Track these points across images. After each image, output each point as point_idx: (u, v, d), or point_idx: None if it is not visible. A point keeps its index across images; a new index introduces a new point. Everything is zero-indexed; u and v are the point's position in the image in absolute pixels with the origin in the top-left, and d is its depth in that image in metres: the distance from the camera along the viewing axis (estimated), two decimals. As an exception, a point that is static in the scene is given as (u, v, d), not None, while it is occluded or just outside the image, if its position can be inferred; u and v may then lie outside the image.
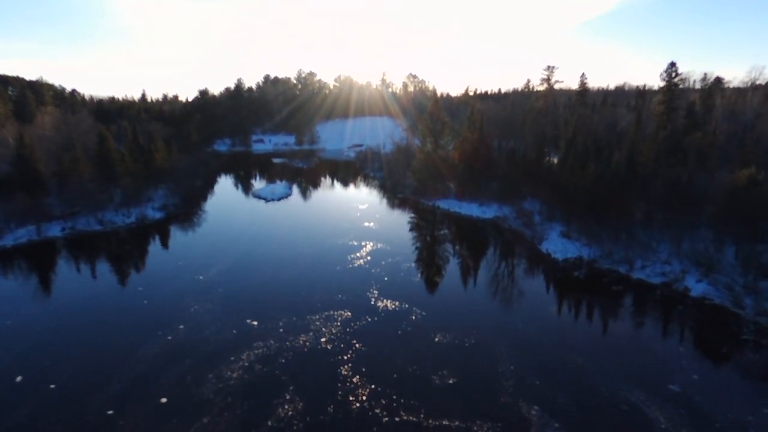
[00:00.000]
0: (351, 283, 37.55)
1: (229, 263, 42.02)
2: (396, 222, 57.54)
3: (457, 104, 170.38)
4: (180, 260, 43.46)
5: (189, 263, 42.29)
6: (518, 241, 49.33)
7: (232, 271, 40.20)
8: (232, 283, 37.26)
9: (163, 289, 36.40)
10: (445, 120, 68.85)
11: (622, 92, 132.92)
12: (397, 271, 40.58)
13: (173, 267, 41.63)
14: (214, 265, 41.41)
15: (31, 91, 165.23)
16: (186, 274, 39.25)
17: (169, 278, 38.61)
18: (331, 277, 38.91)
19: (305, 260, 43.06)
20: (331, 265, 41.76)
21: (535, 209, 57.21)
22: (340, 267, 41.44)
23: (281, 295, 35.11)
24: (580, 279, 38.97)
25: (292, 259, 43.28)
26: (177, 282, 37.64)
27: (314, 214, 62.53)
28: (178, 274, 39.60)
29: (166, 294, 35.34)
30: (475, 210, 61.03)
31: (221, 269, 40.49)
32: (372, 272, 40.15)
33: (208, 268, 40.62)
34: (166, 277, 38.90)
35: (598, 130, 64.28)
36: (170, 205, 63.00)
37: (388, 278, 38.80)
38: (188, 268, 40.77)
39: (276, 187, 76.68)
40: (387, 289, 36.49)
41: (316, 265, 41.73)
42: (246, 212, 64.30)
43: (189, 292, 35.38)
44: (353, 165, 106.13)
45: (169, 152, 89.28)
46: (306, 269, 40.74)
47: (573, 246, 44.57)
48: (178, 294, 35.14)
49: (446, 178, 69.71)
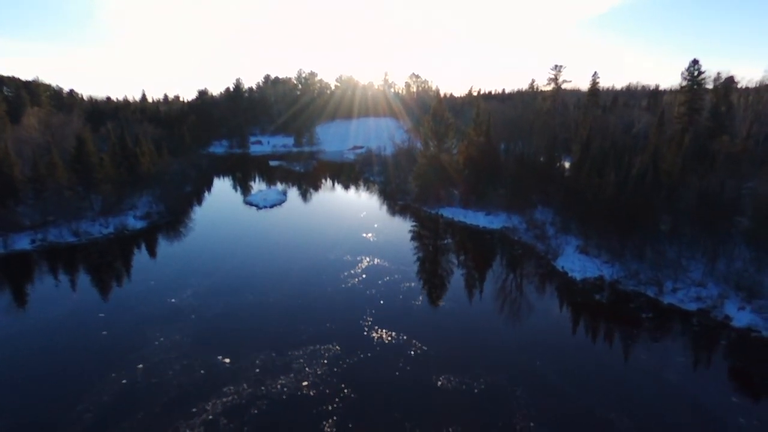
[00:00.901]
0: (343, 309, 33.12)
1: (208, 283, 37.61)
2: (395, 233, 53.06)
3: (460, 104, 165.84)
4: (154, 279, 39.07)
5: (163, 282, 37.92)
6: (530, 257, 44.72)
7: (210, 292, 35.78)
8: (207, 308, 32.85)
9: (128, 315, 32.01)
10: (450, 121, 64.31)
11: (634, 92, 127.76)
12: (395, 292, 36.09)
13: (145, 287, 37.25)
14: (191, 285, 37.02)
15: (26, 92, 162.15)
16: (157, 297, 34.88)
17: (138, 301, 34.23)
18: (321, 301, 34.48)
19: (293, 280, 38.63)
20: (321, 286, 37.32)
21: (547, 219, 52.61)
22: (332, 288, 36.99)
23: (262, 324, 30.69)
24: (602, 303, 34.33)
25: (278, 279, 38.87)
26: (145, 306, 33.25)
27: (307, 224, 58.11)
28: (149, 296, 35.22)
29: (130, 322, 30.95)
30: (481, 219, 56.43)
31: (198, 290, 36.09)
32: (367, 294, 35.68)
33: (184, 288, 36.24)
34: (134, 300, 34.53)
35: (614, 132, 59.65)
36: (154, 213, 58.72)
37: (385, 302, 34.33)
38: (161, 289, 36.40)
39: (269, 193, 72.31)
40: (383, 315, 32.02)
41: (305, 286, 37.29)
42: (235, 221, 59.95)
43: (157, 320, 31.01)
44: (353, 168, 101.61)
45: (158, 155, 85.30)
46: (293, 291, 36.30)
47: (592, 263, 39.93)
48: (143, 322, 30.76)
49: (450, 184, 65.17)
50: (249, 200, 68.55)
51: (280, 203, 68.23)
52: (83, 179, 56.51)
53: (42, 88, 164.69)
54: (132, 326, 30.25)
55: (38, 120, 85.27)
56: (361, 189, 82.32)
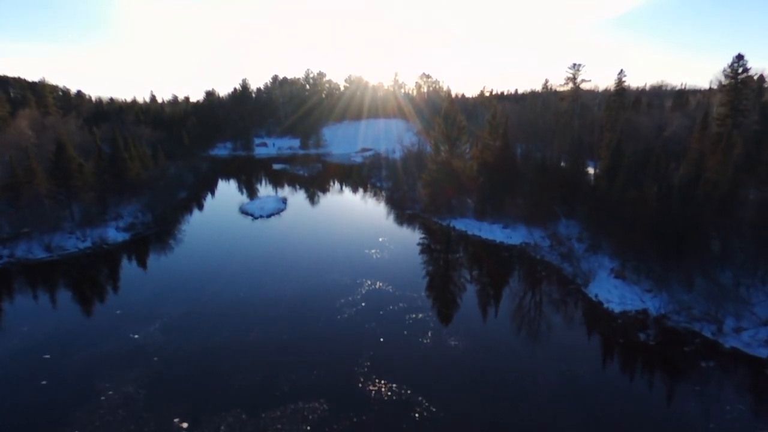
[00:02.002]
0: (336, 349, 27.73)
1: (182, 312, 32.50)
2: (402, 248, 47.51)
3: (472, 105, 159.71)
4: (121, 305, 34.05)
5: (130, 311, 32.90)
6: (556, 281, 38.83)
7: (182, 325, 30.65)
8: (174, 348, 27.70)
9: (80, 356, 26.97)
10: (463, 123, 58.59)
11: (657, 92, 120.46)
12: (399, 326, 30.59)
13: (108, 317, 32.24)
14: (162, 314, 31.94)
15: (32, 93, 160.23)
16: (120, 330, 29.83)
17: (96, 336, 29.22)
18: (311, 338, 29.13)
19: (281, 309, 33.34)
20: (313, 317, 31.96)
21: (573, 234, 46.66)
22: (325, 320, 31.61)
23: (236, 371, 25.39)
24: (649, 346, 28.40)
25: (264, 307, 33.61)
26: (103, 344, 28.21)
27: (306, 237, 52.82)
28: (110, 329, 30.20)
29: (79, 366, 25.90)
30: (498, 233, 50.61)
31: (169, 322, 30.99)
32: (366, 329, 30.25)
33: (153, 319, 31.16)
34: (91, 335, 29.52)
35: (648, 136, 53.39)
36: (139, 224, 54.00)
37: (387, 340, 28.87)
38: (126, 320, 31.38)
39: (267, 200, 67.26)
40: (384, 359, 26.56)
41: (295, 317, 31.97)
42: (226, 234, 54.89)
43: (111, 363, 25.94)
44: (359, 172, 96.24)
45: (154, 159, 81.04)
46: (280, 324, 31.00)
47: (632, 292, 33.96)
48: (95, 366, 25.71)
49: (463, 193, 59.45)
50: (245, 209, 63.54)
51: (279, 212, 63.12)
52: (63, 187, 52.01)
53: (48, 89, 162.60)
54: (79, 373, 25.18)
55: (31, 122, 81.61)
56: (367, 196, 76.90)
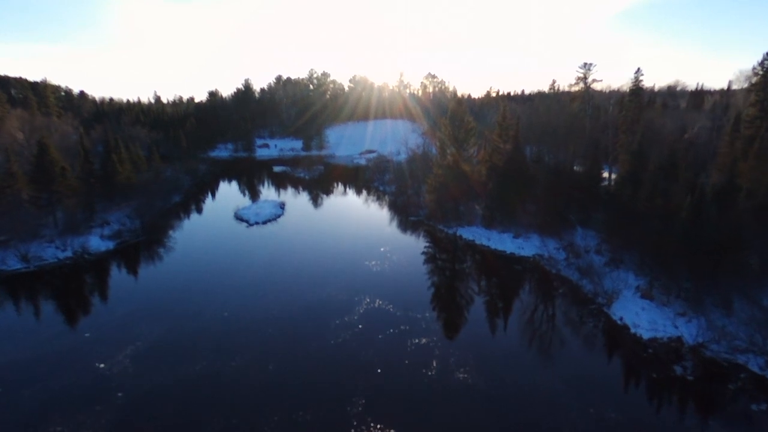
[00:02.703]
0: (326, 383, 24.27)
1: (158, 335, 29.17)
2: (404, 260, 43.96)
3: (479, 106, 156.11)
4: (91, 327, 30.74)
5: (101, 333, 29.61)
6: (575, 299, 35.10)
7: (156, 352, 27.30)
8: (142, 381, 24.32)
9: (32, 391, 23.65)
10: (471, 125, 55.00)
11: (673, 92, 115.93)
12: (399, 354, 27.08)
13: (74, 341, 28.91)
14: (136, 338, 28.64)
15: (33, 93, 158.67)
16: (84, 358, 26.54)
17: (55, 366, 25.91)
18: (299, 370, 25.67)
19: (269, 332, 29.91)
20: (304, 343, 28.51)
21: (591, 246, 42.91)
22: (317, 346, 28.15)
23: (210, 412, 21.96)
24: (687, 381, 24.68)
25: (250, 329, 30.19)
26: (62, 376, 24.91)
27: (302, 247, 49.35)
28: (74, 356, 26.90)
29: (29, 405, 22.57)
30: (508, 243, 46.93)
31: (141, 348, 27.67)
32: (362, 357, 26.77)
33: (124, 344, 27.86)
34: (50, 364, 26.17)
35: (667, 139, 49.45)
36: (126, 231, 50.83)
37: (386, 371, 25.37)
38: (94, 345, 28.08)
39: (263, 206, 63.91)
40: (381, 395, 23.09)
41: (282, 343, 28.54)
42: (218, 242, 51.57)
43: (67, 401, 22.64)
44: (362, 175, 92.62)
45: (148, 161, 78.09)
46: (265, 350, 27.59)
47: (662, 315, 30.20)
48: (48, 405, 22.41)
49: (471, 199, 55.85)
50: (240, 214, 60.24)
51: (276, 218, 59.77)
52: (45, 192, 48.98)
53: (50, 90, 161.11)
54: (28, 414, 21.87)
55: (21, 122, 78.88)
56: (369, 200, 73.36)
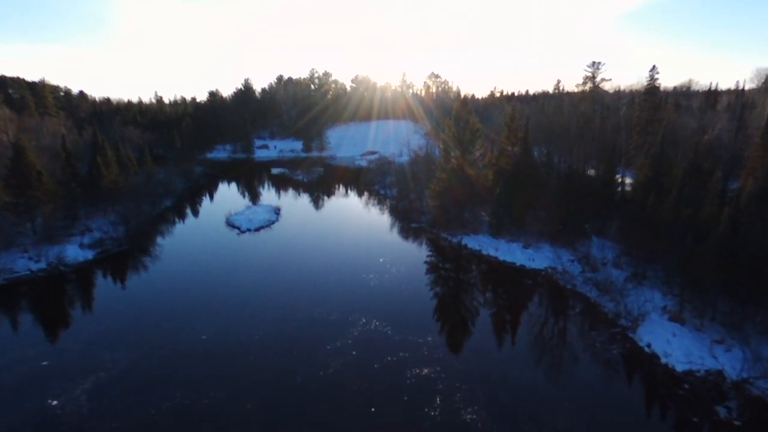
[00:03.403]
0: (309, 426, 20.89)
1: (125, 363, 25.84)
2: (405, 272, 40.53)
3: (483, 106, 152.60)
4: (52, 354, 27.41)
5: (60, 361, 26.31)
6: (594, 320, 31.57)
7: (119, 384, 23.96)
8: (97, 425, 21.00)
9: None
10: (476, 126, 51.46)
11: (686, 92, 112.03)
12: (396, 388, 23.66)
13: (27, 372, 25.43)
14: (99, 366, 25.35)
15: (31, 93, 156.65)
16: (34, 394, 23.19)
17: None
18: (282, 408, 22.28)
19: (251, 360, 26.53)
20: (288, 374, 25.10)
21: (608, 258, 39.36)
22: (303, 377, 24.74)
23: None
24: (733, 425, 21.16)
25: (230, 357, 26.84)
26: (3, 416, 21.62)
27: (295, 257, 45.93)
28: (23, 392, 23.56)
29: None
30: (518, 254, 43.40)
31: (103, 379, 24.35)
32: (354, 391, 23.37)
33: (84, 376, 24.54)
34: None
35: (686, 140, 45.88)
36: (109, 239, 47.63)
37: (381, 410, 21.97)
38: (50, 376, 24.74)
39: (257, 211, 60.62)
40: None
41: (265, 374, 25.15)
42: (206, 251, 48.21)
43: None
44: (363, 178, 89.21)
45: (139, 164, 75.15)
46: (244, 384, 24.20)
47: (697, 343, 26.63)
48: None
49: (477, 205, 52.38)
50: (232, 220, 56.96)
51: (270, 224, 56.46)
52: (21, 198, 45.87)
53: (48, 90, 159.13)
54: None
55: (7, 122, 75.99)
56: (369, 205, 69.96)
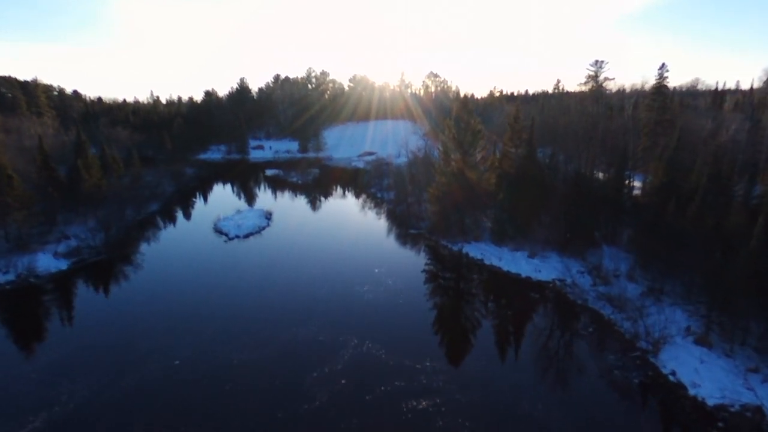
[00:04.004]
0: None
1: (81, 398, 22.86)
2: (402, 285, 37.54)
3: (483, 107, 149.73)
4: (1, 385, 24.47)
5: (8, 396, 23.29)
6: (610, 342, 28.62)
7: (72, 426, 21.02)
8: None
9: None
10: (478, 127, 48.52)
11: (691, 92, 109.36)
12: (392, 426, 20.75)
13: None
14: (52, 402, 22.37)
15: (23, 93, 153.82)
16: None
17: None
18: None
19: (226, 390, 23.54)
20: (268, 409, 22.15)
21: (622, 270, 36.46)
22: (285, 414, 21.79)
23: None
24: (780, 476, 18.29)
25: (204, 388, 23.89)
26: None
27: (283, 267, 42.81)
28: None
29: None
30: (523, 264, 40.46)
31: (55, 418, 21.39)
32: (341, 430, 20.46)
33: (34, 413, 21.58)
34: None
35: (710, 143, 43.07)
36: (86, 248, 44.63)
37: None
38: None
39: (247, 216, 57.62)
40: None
41: (241, 409, 22.17)
42: (189, 261, 45.10)
43: None
44: (360, 180, 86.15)
45: (126, 165, 72.19)
46: (217, 422, 21.27)
47: (729, 371, 23.72)
48: None
49: (478, 210, 49.49)
50: (220, 226, 53.93)
51: (260, 230, 53.45)
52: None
53: (41, 89, 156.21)
54: None
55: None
56: (365, 209, 66.97)
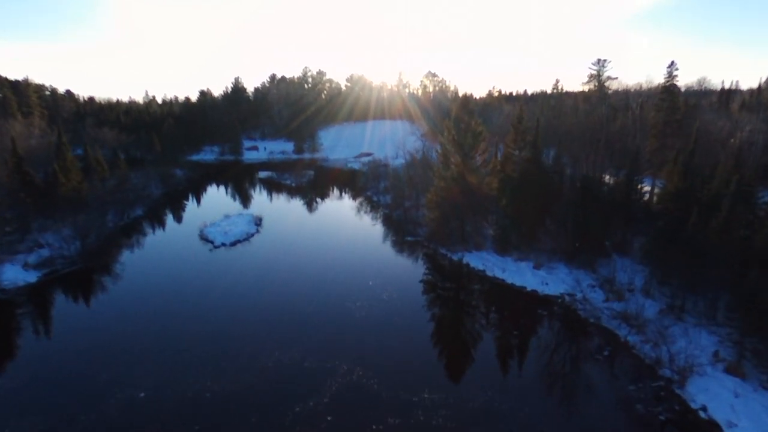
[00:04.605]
0: None
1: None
2: (398, 300, 34.59)
3: (482, 107, 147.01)
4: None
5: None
6: (629, 368, 25.74)
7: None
8: None
9: None
10: (479, 128, 45.66)
11: (696, 92, 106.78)
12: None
13: None
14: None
15: (13, 92, 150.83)
16: None
17: None
18: None
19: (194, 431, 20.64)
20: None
21: (636, 284, 33.64)
22: (261, 461, 18.91)
23: None
24: None
25: (169, 428, 20.96)
26: None
27: (269, 280, 39.49)
28: None
29: None
30: (528, 276, 37.56)
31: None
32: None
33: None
34: None
35: (730, 146, 40.36)
36: (59, 258, 41.61)
37: None
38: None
39: (235, 222, 54.60)
40: None
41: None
42: (172, 271, 42.08)
43: None
44: (356, 182, 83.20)
45: (111, 168, 69.17)
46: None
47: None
48: None
49: (480, 217, 46.67)
50: (206, 233, 50.92)
51: (248, 237, 50.47)
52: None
53: (32, 89, 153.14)
54: None
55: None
56: (360, 214, 63.99)
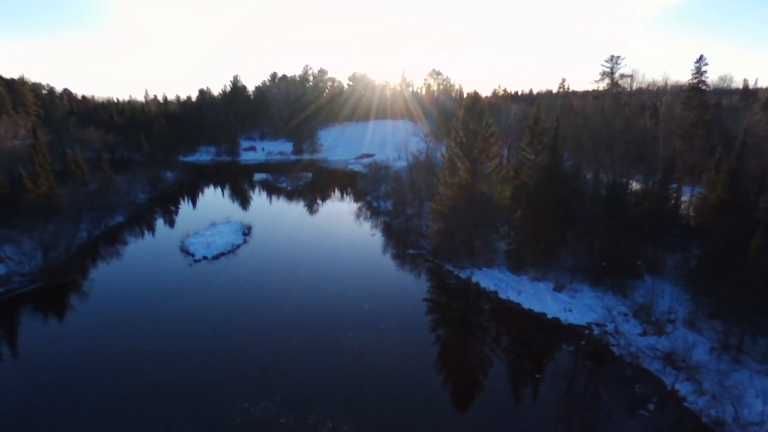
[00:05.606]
0: None
1: None
2: (396, 330, 29.71)
3: (488, 106, 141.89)
4: None
5: None
6: (681, 428, 20.93)
7: None
8: None
9: None
10: (491, 130, 40.65)
11: (718, 90, 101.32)
12: None
13: None
14: None
15: (8, 91, 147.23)
16: None
17: None
18: None
19: None
20: None
21: (678, 314, 28.71)
22: None
23: None
24: None
25: None
26: None
27: (250, 304, 34.31)
28: None
29: None
30: (548, 300, 32.59)
31: None
32: None
33: None
34: None
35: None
36: (18, 275, 37.02)
37: None
38: None
39: (221, 231, 49.80)
40: None
41: None
42: (144, 290, 37.12)
43: None
44: (356, 185, 78.21)
45: (93, 170, 64.78)
46: None
47: None
48: None
49: (490, 229, 41.79)
50: (187, 245, 46.21)
51: (234, 249, 45.69)
52: None
53: (28, 88, 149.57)
54: None
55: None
56: (359, 221, 59.05)
